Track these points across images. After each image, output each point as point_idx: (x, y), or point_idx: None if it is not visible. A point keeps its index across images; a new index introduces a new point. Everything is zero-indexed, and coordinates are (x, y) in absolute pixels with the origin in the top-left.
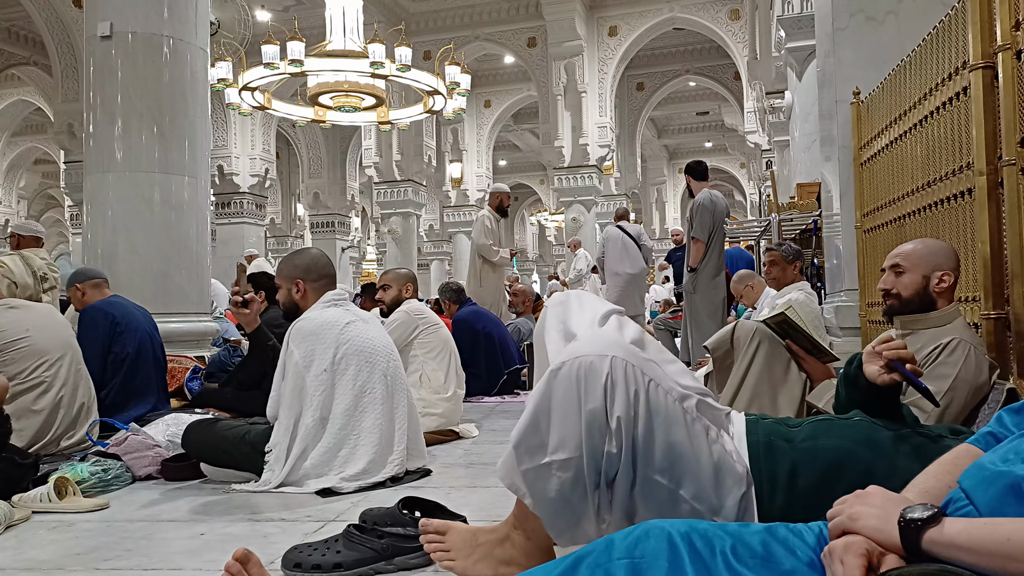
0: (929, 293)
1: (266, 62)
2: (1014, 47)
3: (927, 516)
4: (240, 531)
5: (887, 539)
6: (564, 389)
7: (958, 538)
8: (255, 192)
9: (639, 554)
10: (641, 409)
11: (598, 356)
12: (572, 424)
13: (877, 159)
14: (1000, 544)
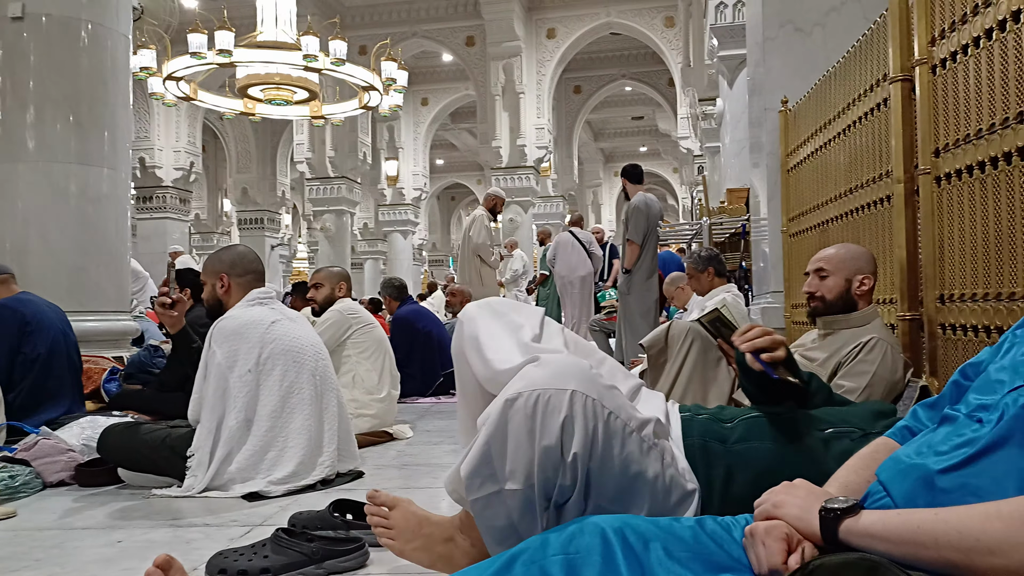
0: (851, 295)
1: (192, 51)
2: (930, 61)
3: (846, 507)
4: (161, 537)
5: (807, 527)
6: (519, 422)
7: (872, 528)
8: (179, 186)
9: (573, 550)
10: (599, 444)
11: (557, 390)
12: (525, 457)
13: (803, 166)
14: (911, 532)
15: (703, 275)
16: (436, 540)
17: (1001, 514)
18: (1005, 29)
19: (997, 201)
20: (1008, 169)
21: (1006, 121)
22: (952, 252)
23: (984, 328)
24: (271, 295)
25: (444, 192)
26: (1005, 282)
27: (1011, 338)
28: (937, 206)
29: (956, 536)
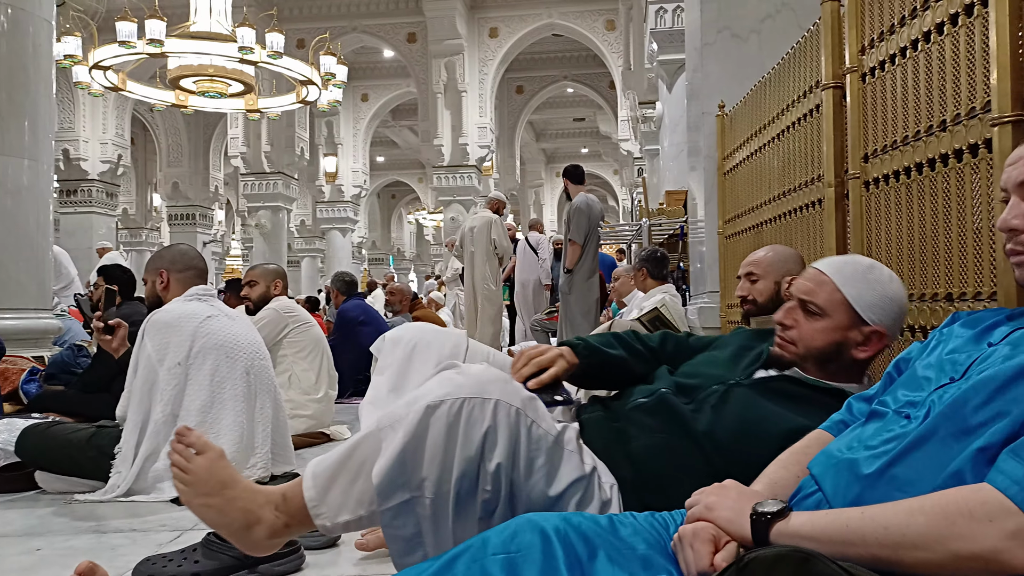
0: (781, 297)
1: (121, 40)
2: (860, 70)
3: (776, 511)
4: (84, 544)
5: (739, 531)
6: (439, 430)
7: (802, 529)
8: (106, 179)
9: (515, 548)
10: (522, 455)
11: (481, 399)
12: (443, 467)
13: (739, 169)
14: (839, 531)
15: (637, 274)
16: (236, 508)
17: (924, 509)
18: (930, 40)
19: (922, 205)
20: (932, 174)
21: (930, 128)
22: (879, 254)
23: (909, 328)
24: (212, 292)
25: (384, 190)
26: (929, 283)
27: (938, 336)
28: (866, 210)
29: (882, 532)
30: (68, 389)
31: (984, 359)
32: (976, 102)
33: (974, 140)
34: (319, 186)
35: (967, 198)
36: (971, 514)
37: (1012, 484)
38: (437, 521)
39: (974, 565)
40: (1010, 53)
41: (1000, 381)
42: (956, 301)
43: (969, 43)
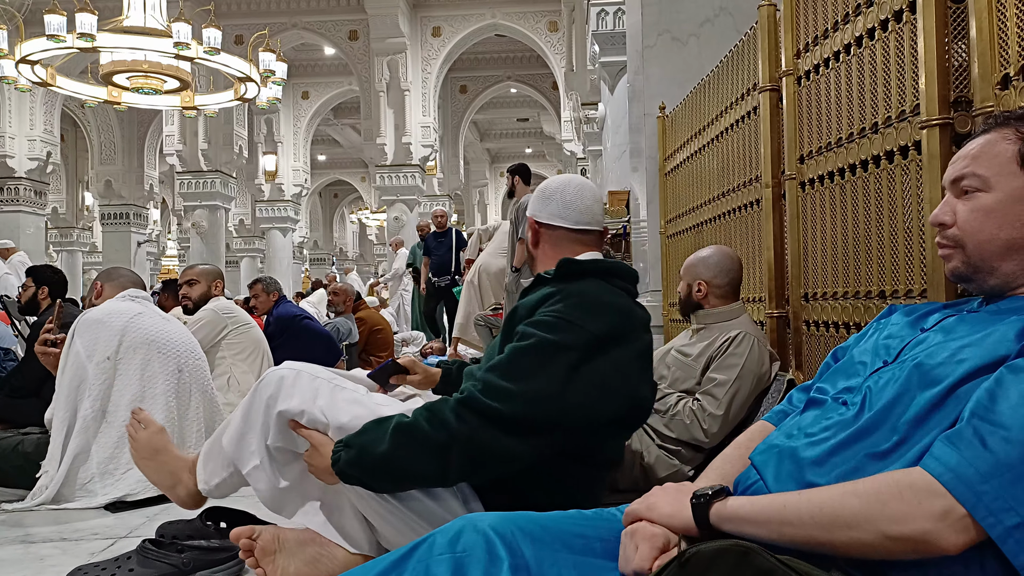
0: (691, 298)
1: (50, 34)
2: (796, 73)
3: (714, 491)
4: (10, 555)
5: (680, 521)
6: (259, 402)
7: (741, 510)
8: (34, 177)
9: (460, 549)
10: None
11: (294, 373)
12: (262, 431)
13: (679, 170)
14: (777, 511)
15: None
16: (165, 470)
17: (858, 491)
18: (862, 45)
19: (855, 205)
20: (864, 175)
21: (863, 130)
22: (815, 253)
23: (844, 324)
24: (145, 296)
25: (326, 189)
26: (862, 281)
27: (875, 326)
28: (801, 210)
29: (817, 511)
30: None
31: (916, 343)
32: (906, 105)
33: (904, 142)
34: (258, 185)
35: (898, 198)
36: (901, 496)
37: (943, 469)
38: (277, 472)
39: (903, 546)
40: (937, 58)
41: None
42: (889, 298)
43: (899, 48)
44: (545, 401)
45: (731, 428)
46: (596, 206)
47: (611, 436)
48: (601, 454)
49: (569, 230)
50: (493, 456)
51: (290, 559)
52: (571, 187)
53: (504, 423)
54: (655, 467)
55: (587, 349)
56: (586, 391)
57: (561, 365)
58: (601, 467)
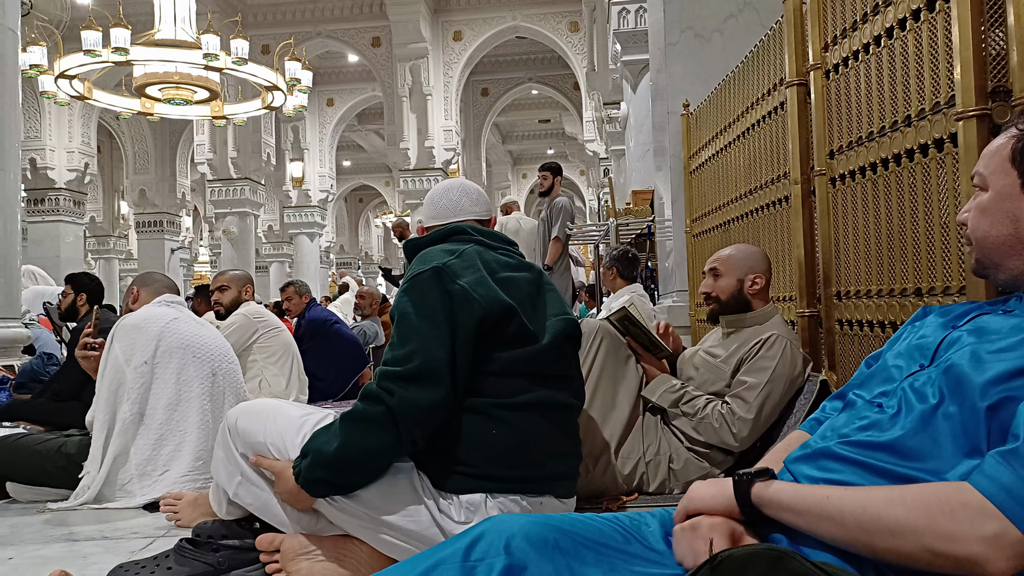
0: (744, 294)
1: (86, 49)
2: (824, 67)
3: (756, 471)
4: (56, 553)
5: (722, 503)
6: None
7: (781, 495)
8: (73, 188)
9: (478, 556)
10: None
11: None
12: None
13: (704, 168)
14: (819, 503)
15: (607, 273)
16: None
17: (904, 500)
18: (893, 36)
19: (888, 200)
20: (898, 170)
21: (895, 124)
22: (847, 250)
23: (879, 323)
24: (180, 301)
25: (351, 194)
26: (896, 278)
27: (909, 329)
28: (832, 206)
29: (860, 512)
30: (37, 398)
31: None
32: (940, 97)
33: (939, 135)
34: (286, 191)
35: (933, 193)
36: (951, 513)
37: (996, 489)
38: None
39: (946, 563)
40: (973, 48)
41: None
42: (925, 296)
43: (932, 38)
44: (429, 348)
45: (762, 431)
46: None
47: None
48: (513, 388)
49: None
50: (424, 408)
51: (314, 561)
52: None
53: (416, 378)
54: (685, 470)
55: (429, 294)
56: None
57: (424, 317)
58: (524, 408)
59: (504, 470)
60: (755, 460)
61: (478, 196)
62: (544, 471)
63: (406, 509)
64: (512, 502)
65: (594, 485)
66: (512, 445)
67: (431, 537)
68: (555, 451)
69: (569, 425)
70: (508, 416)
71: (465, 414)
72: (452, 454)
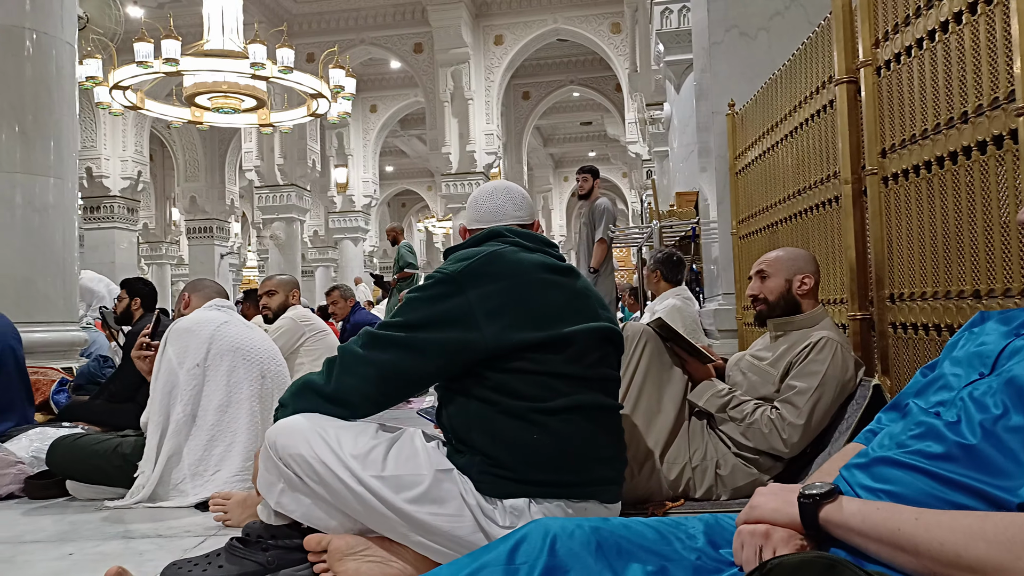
0: (792, 295)
1: (139, 60)
2: (875, 63)
3: (824, 492)
4: (113, 550)
5: (785, 517)
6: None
7: (852, 520)
8: (127, 195)
9: (522, 559)
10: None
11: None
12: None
13: (751, 168)
14: (891, 534)
15: (651, 276)
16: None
17: (986, 535)
18: (947, 30)
19: (944, 200)
20: (953, 168)
21: (951, 121)
22: (900, 251)
23: (934, 327)
24: (230, 305)
25: (395, 199)
26: (953, 280)
27: (966, 336)
28: (885, 206)
29: (937, 547)
30: (94, 399)
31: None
32: (999, 92)
33: (998, 131)
34: (331, 197)
35: (992, 191)
36: None
37: None
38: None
39: None
40: None
41: None
42: (984, 298)
43: (989, 32)
44: (383, 375)
45: (812, 437)
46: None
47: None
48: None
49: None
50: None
51: (361, 561)
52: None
53: (338, 395)
54: (732, 476)
55: (448, 284)
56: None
57: (417, 327)
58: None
59: (546, 475)
60: (805, 466)
61: (522, 200)
62: (588, 475)
63: (450, 515)
64: (556, 507)
65: (639, 490)
66: (554, 450)
67: (475, 542)
68: (599, 455)
69: (613, 427)
70: (548, 421)
71: (505, 418)
72: (494, 458)
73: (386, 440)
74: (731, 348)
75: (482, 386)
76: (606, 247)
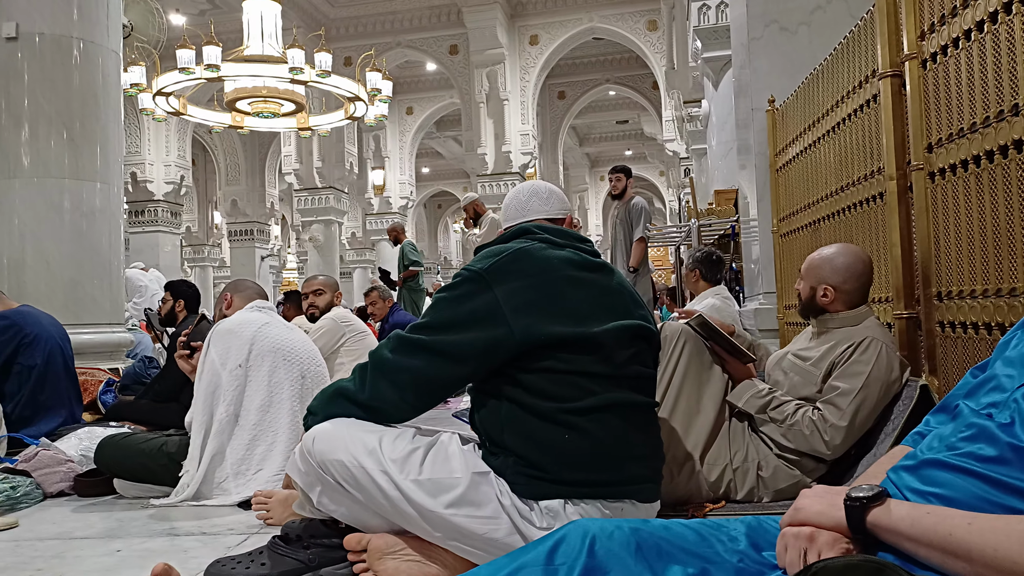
0: (815, 302)
1: (181, 67)
2: (920, 56)
3: (871, 495)
4: (159, 546)
5: (830, 520)
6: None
7: (901, 524)
8: (170, 200)
9: (560, 560)
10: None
11: None
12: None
13: (792, 165)
14: (942, 539)
15: (690, 275)
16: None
17: None
18: (996, 21)
19: (993, 195)
20: (1004, 162)
21: (1000, 114)
22: (948, 248)
23: (984, 325)
24: (270, 306)
25: (431, 200)
26: (1004, 277)
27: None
28: (931, 202)
29: (991, 553)
30: (140, 399)
31: None
32: None
33: None
34: (368, 199)
35: None
36: None
37: None
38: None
39: None
40: None
41: None
42: None
43: None
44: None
45: (856, 439)
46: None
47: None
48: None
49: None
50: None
51: (400, 560)
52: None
53: (372, 402)
54: (774, 477)
55: (475, 282)
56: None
57: (455, 297)
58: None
59: (581, 475)
60: (849, 468)
61: (548, 195)
62: (622, 474)
63: (487, 517)
64: (592, 507)
65: (679, 491)
66: (587, 450)
67: (511, 545)
68: (632, 453)
69: (647, 425)
70: (579, 421)
71: (537, 419)
72: (528, 460)
73: (423, 444)
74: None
75: (513, 388)
76: (644, 246)
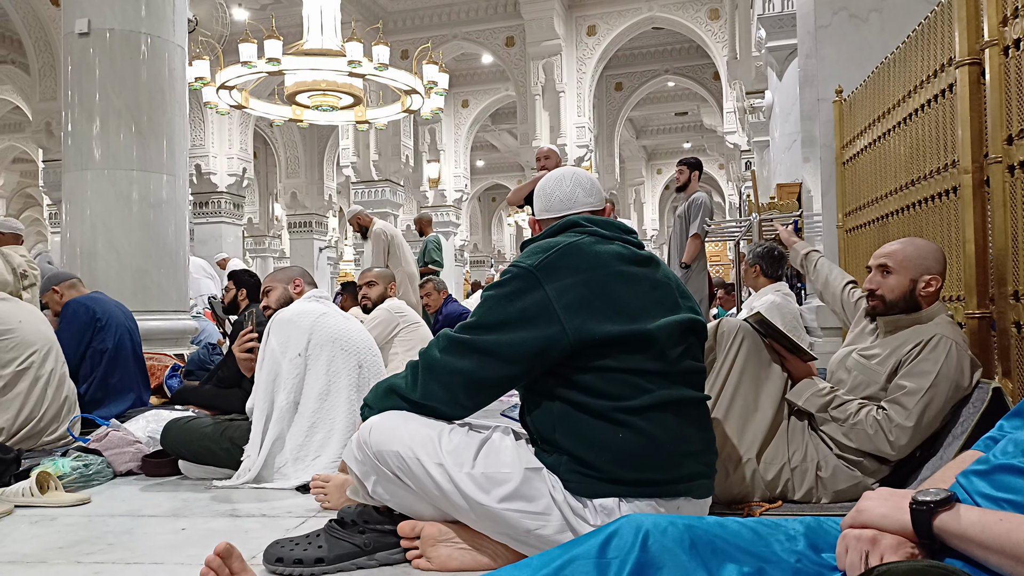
0: (915, 296)
1: (243, 60)
2: (1001, 43)
3: (940, 499)
4: (221, 527)
5: (895, 523)
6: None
7: (971, 530)
8: (233, 191)
9: (613, 554)
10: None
11: None
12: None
13: (859, 158)
14: (1016, 545)
15: (750, 271)
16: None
17: None
18: None
19: None
20: None
21: None
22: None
23: None
24: (326, 296)
25: (485, 193)
26: None
27: None
28: (1010, 196)
29: None
30: (204, 384)
31: None
32: None
33: None
34: (423, 191)
35: None
36: None
37: None
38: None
39: None
40: None
41: None
42: None
43: None
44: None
45: (921, 440)
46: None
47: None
48: (602, 386)
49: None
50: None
51: (453, 548)
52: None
53: (425, 401)
54: (834, 478)
55: (525, 279)
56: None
57: (505, 295)
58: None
59: (635, 474)
60: (913, 471)
61: (591, 186)
62: (677, 472)
63: (539, 512)
64: (647, 506)
65: (734, 490)
66: (641, 448)
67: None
68: (687, 449)
69: (700, 419)
70: (633, 420)
71: (590, 418)
72: (580, 458)
73: (477, 439)
74: (834, 346)
75: (565, 386)
76: (700, 243)
